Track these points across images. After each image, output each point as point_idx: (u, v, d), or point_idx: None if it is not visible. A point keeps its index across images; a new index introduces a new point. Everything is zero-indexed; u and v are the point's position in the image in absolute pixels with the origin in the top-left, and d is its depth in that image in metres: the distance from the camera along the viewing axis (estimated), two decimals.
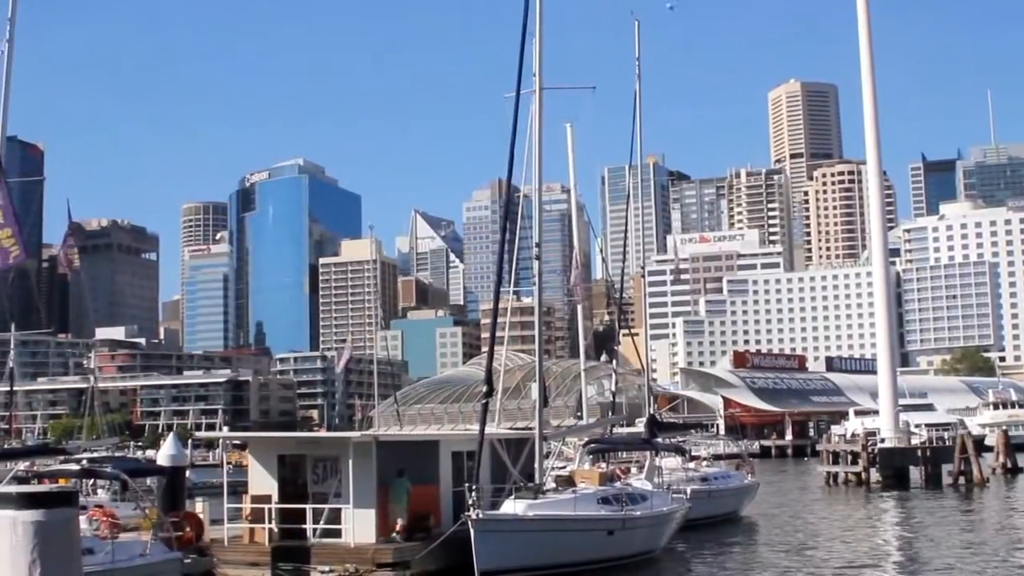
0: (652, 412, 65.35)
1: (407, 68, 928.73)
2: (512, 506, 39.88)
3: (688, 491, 55.07)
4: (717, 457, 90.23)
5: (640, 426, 69.26)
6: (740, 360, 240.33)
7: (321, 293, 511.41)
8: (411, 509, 39.62)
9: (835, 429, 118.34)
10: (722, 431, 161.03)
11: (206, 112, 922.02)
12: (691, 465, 69.50)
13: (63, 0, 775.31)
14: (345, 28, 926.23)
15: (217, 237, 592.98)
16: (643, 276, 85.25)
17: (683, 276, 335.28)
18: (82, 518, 31.27)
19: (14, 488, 14.12)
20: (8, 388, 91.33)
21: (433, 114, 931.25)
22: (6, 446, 60.02)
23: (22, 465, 48.04)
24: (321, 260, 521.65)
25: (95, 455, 64.26)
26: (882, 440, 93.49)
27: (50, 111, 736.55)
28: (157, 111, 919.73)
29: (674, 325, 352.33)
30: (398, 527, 39.34)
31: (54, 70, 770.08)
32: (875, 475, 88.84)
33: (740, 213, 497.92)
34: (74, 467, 44.72)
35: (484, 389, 41.82)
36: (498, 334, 47.42)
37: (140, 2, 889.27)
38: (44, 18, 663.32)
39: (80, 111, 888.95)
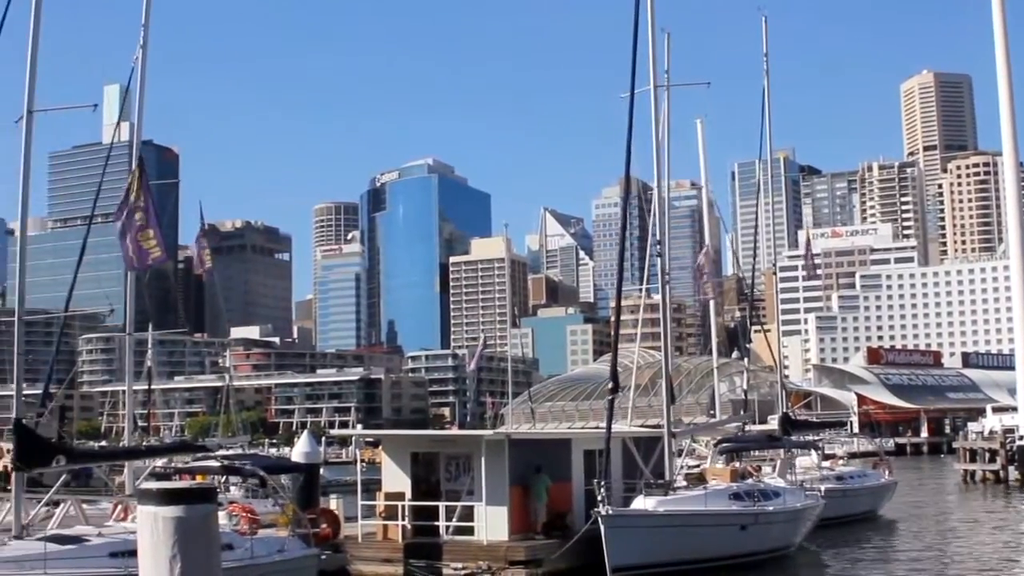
0: (784, 409, 64.86)
1: (535, 65, 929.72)
2: (642, 503, 39.87)
3: (822, 489, 54.56)
4: (852, 455, 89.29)
5: (772, 424, 68.76)
6: (874, 356, 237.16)
7: (452, 291, 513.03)
8: (548, 506, 39.83)
9: (972, 426, 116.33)
10: (856, 429, 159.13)
11: (337, 113, 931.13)
12: (826, 464, 68.91)
13: (196, 7, 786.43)
14: (473, 27, 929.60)
15: (348, 237, 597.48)
16: (775, 272, 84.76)
17: (815, 271, 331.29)
18: (221, 514, 31.83)
19: (155, 484, 14.44)
20: (147, 387, 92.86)
21: (561, 111, 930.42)
22: (145, 443, 61.26)
23: (160, 462, 48.93)
24: (451, 259, 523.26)
25: (229, 452, 65.19)
26: (1021, 437, 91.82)
27: (184, 115, 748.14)
28: (288, 113, 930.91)
29: (806, 321, 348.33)
30: (538, 525, 39.57)
31: (188, 75, 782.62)
32: (1013, 473, 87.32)
33: (873, 207, 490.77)
34: (213, 464, 45.47)
35: (610, 386, 41.84)
36: (629, 331, 47.43)
37: (270, 6, 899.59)
38: (177, 23, 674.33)
39: (213, 115, 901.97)
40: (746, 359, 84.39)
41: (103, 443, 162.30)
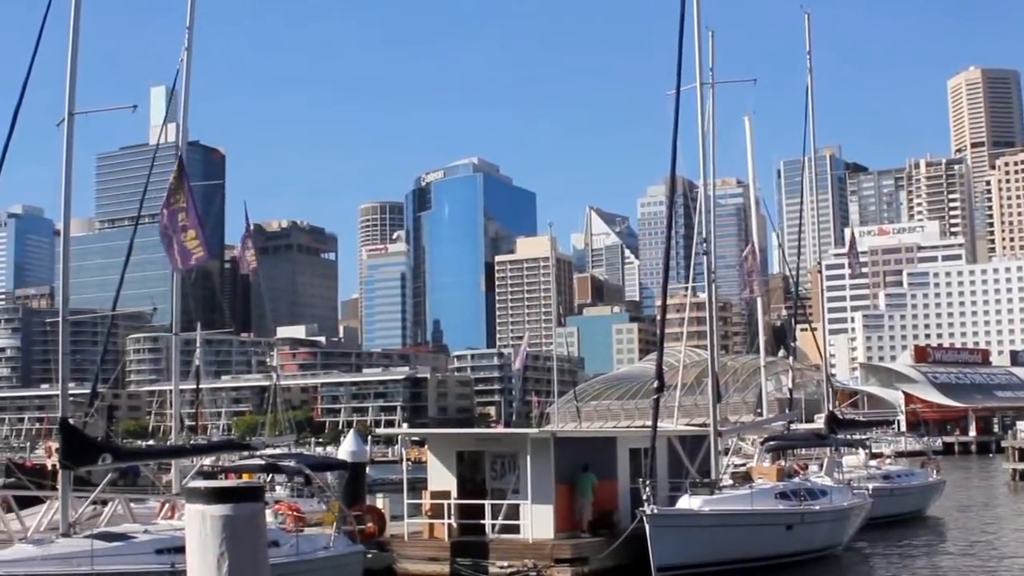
0: (831, 408, 64.59)
1: (579, 64, 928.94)
2: (688, 502, 39.78)
3: (870, 488, 54.31)
4: (900, 454, 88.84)
5: (819, 422, 68.50)
6: (921, 354, 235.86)
7: (497, 291, 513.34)
8: (594, 504, 39.83)
9: (1021, 425, 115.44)
10: (903, 427, 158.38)
11: (381, 113, 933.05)
12: (873, 463, 68.60)
13: (240, 8, 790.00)
14: (514, 26, 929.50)
15: (394, 236, 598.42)
16: (820, 270, 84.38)
17: (862, 269, 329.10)
18: (268, 512, 31.97)
19: (203, 483, 14.52)
20: (194, 386, 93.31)
21: (606, 110, 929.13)
22: (192, 442, 61.55)
23: (207, 460, 49.18)
24: (497, 258, 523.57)
25: (275, 451, 65.51)
26: None
27: (230, 116, 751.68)
28: (333, 113, 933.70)
29: (853, 319, 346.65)
30: (584, 523, 39.58)
31: (233, 75, 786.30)
32: None
33: (920, 204, 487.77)
34: (258, 462, 45.68)
35: (656, 385, 41.77)
36: (675, 330, 47.29)
37: (314, 8, 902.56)
38: (222, 23, 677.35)
39: (259, 115, 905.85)
40: (792, 357, 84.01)
41: (150, 442, 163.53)
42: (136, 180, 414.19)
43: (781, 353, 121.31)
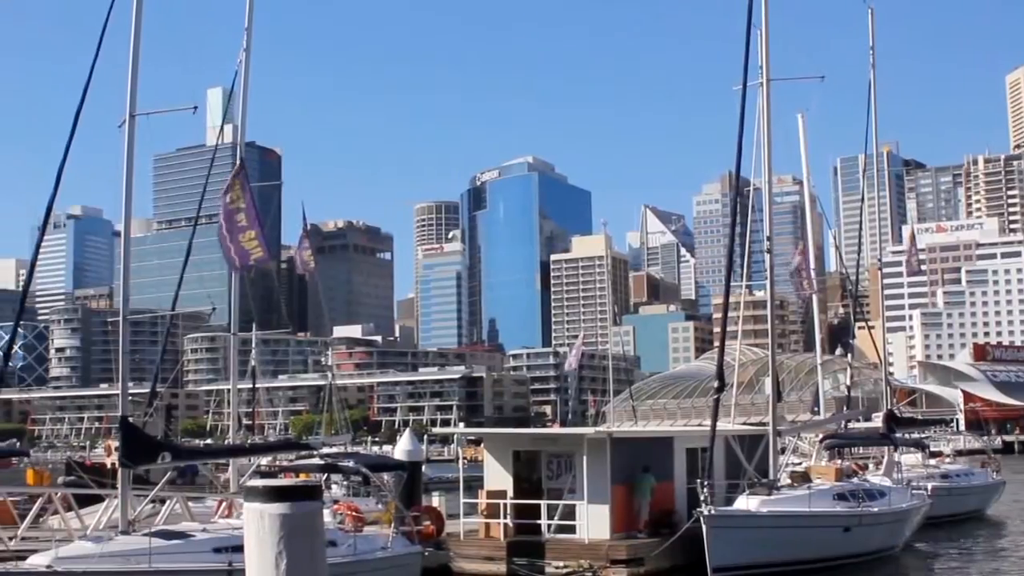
0: (890, 407, 64.16)
1: (634, 62, 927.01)
2: (745, 502, 39.62)
3: (929, 488, 53.95)
4: (959, 453, 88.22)
5: (877, 421, 68.08)
6: (980, 353, 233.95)
7: (553, 289, 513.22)
8: (653, 505, 39.77)
9: None
10: (962, 426, 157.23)
11: (437, 113, 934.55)
12: (932, 462, 68.11)
13: (296, 8, 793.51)
14: (569, 25, 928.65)
15: (449, 236, 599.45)
16: (879, 268, 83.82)
17: (920, 267, 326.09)
18: (326, 512, 32.05)
19: (261, 482, 14.56)
20: (251, 385, 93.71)
21: (661, 108, 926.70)
22: (250, 441, 61.89)
23: (265, 460, 49.41)
24: (552, 257, 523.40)
25: (332, 450, 65.82)
26: None
27: (286, 117, 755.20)
28: (389, 114, 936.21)
29: (911, 317, 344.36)
30: (642, 523, 39.54)
31: (289, 77, 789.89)
32: None
33: (978, 201, 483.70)
34: (317, 461, 45.90)
35: (716, 384, 41.61)
36: (730, 328, 47.12)
37: (369, 7, 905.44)
38: (277, 24, 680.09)
39: (314, 116, 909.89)
40: (850, 356, 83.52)
41: (208, 441, 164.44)
42: (192, 181, 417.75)
43: (839, 351, 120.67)
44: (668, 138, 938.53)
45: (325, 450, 60.02)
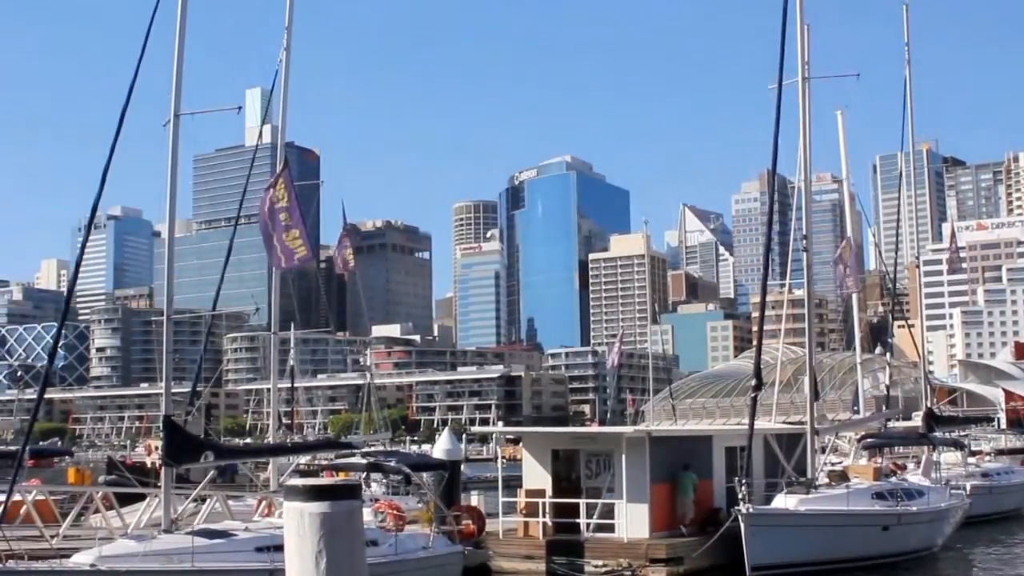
0: (929, 406, 63.91)
1: (672, 61, 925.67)
2: (783, 501, 39.61)
3: (968, 487, 53.75)
4: (999, 452, 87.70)
5: (917, 420, 67.80)
6: (1021, 351, 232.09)
7: (591, 289, 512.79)
8: (696, 503, 39.85)
9: None
10: (1003, 425, 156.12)
11: (475, 112, 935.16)
12: (972, 460, 67.82)
13: (334, 7, 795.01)
14: (608, 24, 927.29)
15: (488, 235, 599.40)
16: (918, 266, 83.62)
17: (960, 265, 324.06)
18: (367, 511, 32.20)
19: (301, 481, 14.71)
20: (290, 385, 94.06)
21: (700, 106, 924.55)
22: (290, 440, 62.17)
23: (305, 458, 49.62)
24: (590, 256, 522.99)
25: (370, 449, 66.09)
26: None
27: (324, 117, 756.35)
28: (427, 113, 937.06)
29: (951, 316, 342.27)
30: (685, 520, 39.60)
31: (327, 76, 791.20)
32: None
33: (1019, 198, 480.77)
34: (359, 460, 46.07)
35: (753, 383, 41.58)
36: (771, 327, 47.07)
37: (408, 6, 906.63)
38: (316, 23, 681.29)
39: (352, 116, 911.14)
40: (889, 354, 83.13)
41: (248, 440, 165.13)
42: (232, 182, 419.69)
43: (878, 350, 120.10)
44: (707, 137, 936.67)
45: (366, 449, 60.23)
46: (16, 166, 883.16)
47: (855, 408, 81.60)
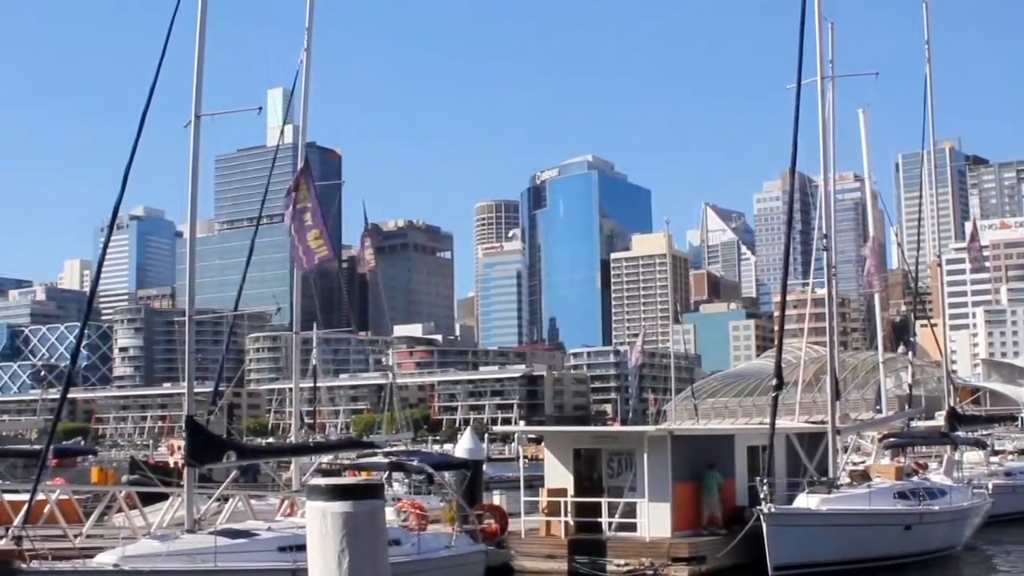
0: (952, 405, 63.74)
1: (693, 60, 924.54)
2: (805, 500, 39.57)
3: (990, 486, 53.61)
4: (1023, 451, 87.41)
5: (939, 420, 67.65)
6: None
7: (613, 288, 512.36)
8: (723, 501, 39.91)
9: None
10: None
11: (496, 112, 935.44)
12: (994, 460, 67.65)
13: (355, 7, 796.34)
14: (627, 22, 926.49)
15: (509, 235, 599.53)
16: (940, 264, 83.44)
17: (983, 264, 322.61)
18: (390, 510, 32.26)
19: (324, 480, 14.76)
20: (312, 384, 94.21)
21: (721, 105, 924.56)
22: (312, 440, 62.34)
23: (327, 458, 49.70)
24: (612, 255, 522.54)
25: (392, 449, 66.30)
26: None
27: (346, 117, 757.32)
28: (448, 112, 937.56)
29: (974, 315, 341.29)
30: (709, 519, 39.62)
31: (348, 76, 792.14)
32: None
33: None
34: (381, 459, 46.13)
35: (774, 383, 41.55)
36: (793, 326, 47.01)
37: (428, 6, 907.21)
38: (336, 23, 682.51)
39: (373, 116, 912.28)
40: (912, 354, 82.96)
41: (270, 440, 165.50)
42: (253, 182, 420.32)
43: (901, 349, 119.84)
44: (728, 135, 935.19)
45: (388, 448, 60.43)
46: (39, 166, 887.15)
47: (878, 407, 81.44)
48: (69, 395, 40.05)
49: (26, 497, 30.12)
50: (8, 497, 34.36)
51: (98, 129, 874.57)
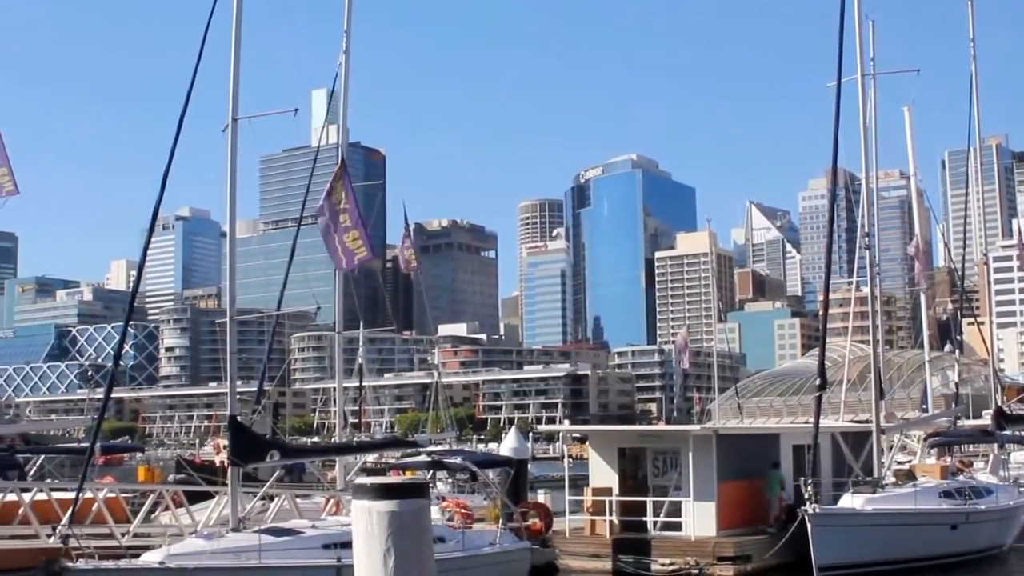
0: (999, 404, 63.30)
1: (737, 57, 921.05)
2: (850, 500, 39.40)
3: None
4: None
5: (986, 418, 67.21)
6: None
7: (657, 287, 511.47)
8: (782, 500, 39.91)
9: None
10: None
11: (540, 110, 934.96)
12: None
13: (395, 10, 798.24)
14: (674, 21, 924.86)
15: (553, 234, 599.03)
16: (987, 262, 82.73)
17: None
18: (435, 508, 32.35)
19: (369, 479, 14.81)
20: (357, 384, 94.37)
21: (765, 103, 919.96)
22: (356, 439, 62.49)
23: (372, 457, 49.81)
24: (656, 254, 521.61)
25: (435, 448, 66.46)
26: None
27: (391, 117, 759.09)
28: (491, 112, 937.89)
29: (1022, 313, 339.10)
30: (772, 518, 39.64)
31: (393, 76, 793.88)
32: None
33: None
34: (425, 458, 46.23)
35: (818, 382, 41.42)
36: (838, 325, 46.91)
37: (470, 7, 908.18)
38: (377, 25, 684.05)
39: (418, 116, 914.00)
40: (958, 352, 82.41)
41: (315, 439, 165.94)
42: (298, 182, 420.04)
43: (947, 348, 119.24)
44: (773, 133, 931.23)
45: (432, 447, 60.56)
46: (86, 167, 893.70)
47: (923, 406, 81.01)
48: (116, 395, 40.30)
49: (73, 495, 30.33)
50: (56, 495, 34.63)
51: (147, 130, 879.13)
